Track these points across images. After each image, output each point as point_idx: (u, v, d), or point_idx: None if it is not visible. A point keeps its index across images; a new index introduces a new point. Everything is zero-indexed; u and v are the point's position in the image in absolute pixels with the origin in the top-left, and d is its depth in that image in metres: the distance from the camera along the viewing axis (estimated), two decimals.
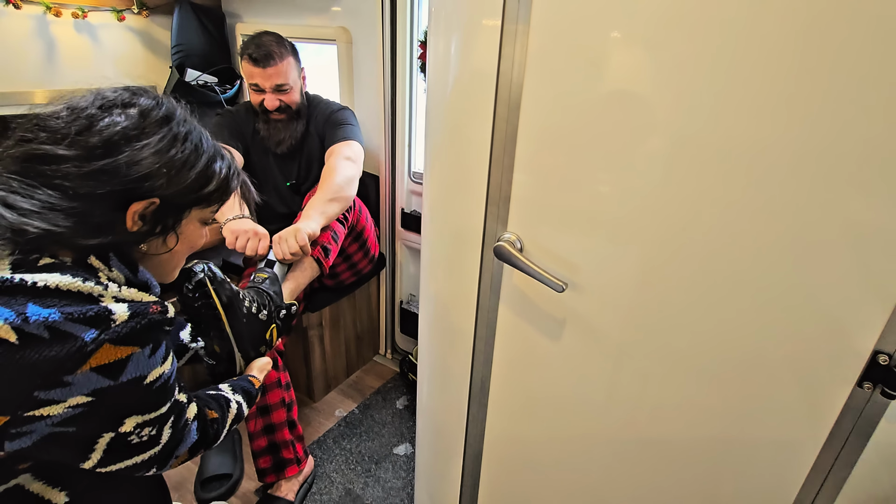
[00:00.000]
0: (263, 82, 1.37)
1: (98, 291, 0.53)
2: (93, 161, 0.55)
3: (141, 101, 0.61)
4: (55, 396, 0.49)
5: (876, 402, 0.56)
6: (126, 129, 0.58)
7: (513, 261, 0.73)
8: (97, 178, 0.55)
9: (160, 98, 0.64)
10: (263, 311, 0.92)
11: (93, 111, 0.58)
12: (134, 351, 0.54)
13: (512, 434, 0.91)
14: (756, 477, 0.67)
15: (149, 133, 0.59)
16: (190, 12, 1.84)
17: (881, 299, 0.53)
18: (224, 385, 0.80)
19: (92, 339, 0.50)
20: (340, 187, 1.31)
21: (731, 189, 0.57)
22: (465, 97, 0.76)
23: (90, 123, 0.57)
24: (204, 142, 0.66)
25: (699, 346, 0.65)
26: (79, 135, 0.56)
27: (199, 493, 1.35)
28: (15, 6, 1.52)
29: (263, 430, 1.32)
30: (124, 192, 0.57)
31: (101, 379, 0.51)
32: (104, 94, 0.61)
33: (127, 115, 0.59)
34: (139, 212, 0.59)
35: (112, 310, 0.52)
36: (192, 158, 0.63)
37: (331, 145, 1.43)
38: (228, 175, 0.69)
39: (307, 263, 1.24)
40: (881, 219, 0.51)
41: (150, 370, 0.56)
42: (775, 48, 0.50)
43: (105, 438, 0.55)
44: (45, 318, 0.48)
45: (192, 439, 0.66)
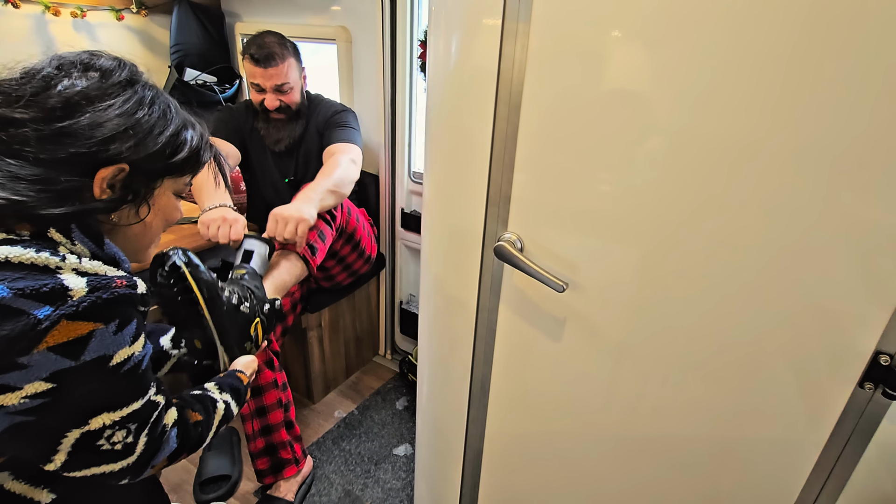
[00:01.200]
0: (264, 82, 1.38)
1: (55, 263, 0.49)
2: (52, 122, 0.52)
3: (101, 63, 0.58)
4: (11, 381, 0.46)
5: (877, 402, 0.56)
6: (87, 89, 0.55)
7: (513, 261, 0.73)
8: (58, 140, 0.52)
9: (122, 59, 0.60)
10: (245, 303, 0.85)
11: (50, 71, 0.55)
12: (96, 327, 0.50)
13: (512, 434, 0.91)
14: (757, 477, 0.67)
15: (112, 94, 0.56)
16: (189, 11, 1.83)
17: (882, 299, 0.53)
18: (209, 384, 0.74)
19: (46, 315, 0.46)
20: (342, 182, 1.31)
21: (732, 188, 0.56)
22: (466, 97, 0.76)
23: (47, 84, 0.53)
24: (172, 108, 0.63)
25: (699, 345, 0.65)
26: (35, 96, 0.52)
27: (197, 495, 1.34)
28: (14, 5, 1.52)
29: (261, 432, 1.31)
30: (89, 156, 0.54)
31: (60, 359, 0.48)
32: (61, 55, 0.58)
33: (87, 77, 0.56)
34: (107, 178, 0.56)
35: (68, 284, 0.48)
36: (160, 123, 0.59)
37: (332, 144, 1.42)
38: (200, 144, 0.65)
39: (292, 261, 1.19)
40: (882, 218, 0.51)
41: (117, 350, 0.52)
42: (776, 46, 0.50)
43: (71, 436, 0.51)
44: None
45: (170, 448, 0.61)
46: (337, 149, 1.40)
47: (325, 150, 1.43)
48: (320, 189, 1.24)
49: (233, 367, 0.81)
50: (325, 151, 1.43)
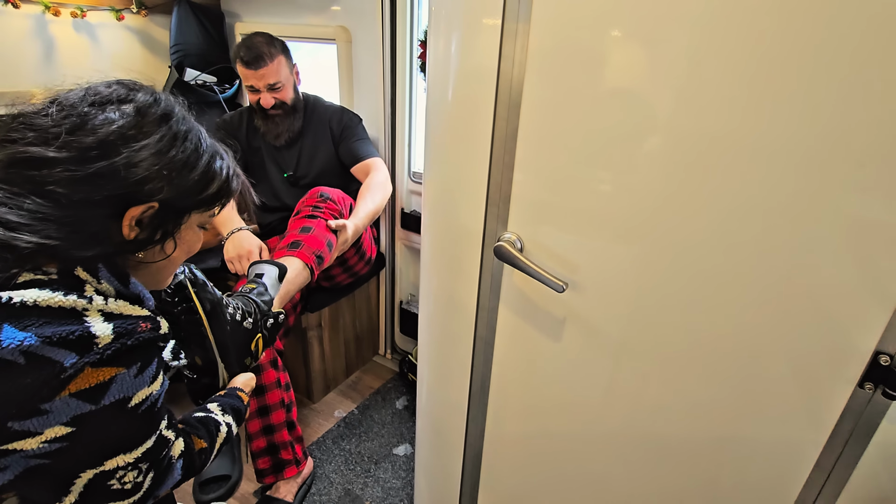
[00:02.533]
0: (257, 83, 1.43)
1: (81, 306, 0.49)
2: (87, 164, 0.50)
3: (138, 98, 0.57)
4: (31, 427, 0.46)
5: (877, 402, 0.56)
6: (122, 127, 0.53)
7: (513, 261, 0.73)
8: (93, 182, 0.51)
9: (157, 94, 0.59)
10: (248, 319, 0.85)
11: (85, 108, 0.53)
12: (118, 372, 0.50)
13: (512, 433, 0.91)
14: (757, 477, 0.67)
15: (147, 132, 0.55)
16: (189, 11, 1.83)
17: (882, 300, 0.53)
18: (213, 405, 0.74)
19: (72, 363, 0.46)
20: (379, 209, 1.49)
21: (733, 188, 0.56)
22: (466, 97, 0.76)
23: (83, 122, 0.52)
24: (203, 141, 0.61)
25: (699, 345, 0.65)
26: (70, 134, 0.51)
27: (197, 495, 1.34)
28: (14, 5, 1.52)
29: (262, 431, 1.31)
30: (122, 197, 0.53)
31: (80, 404, 0.47)
32: (96, 89, 0.56)
33: (123, 113, 0.54)
34: (136, 217, 0.55)
35: (95, 332, 0.48)
36: (192, 158, 0.58)
37: (366, 159, 1.56)
38: (229, 175, 0.64)
39: (298, 270, 1.22)
40: (882, 218, 0.51)
41: (136, 391, 0.52)
42: (776, 46, 0.50)
43: (85, 477, 0.51)
44: (19, 343, 0.44)
45: (174, 479, 0.61)
46: (373, 165, 1.55)
47: (360, 163, 1.55)
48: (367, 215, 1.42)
49: (232, 384, 0.81)
50: (359, 164, 1.55)
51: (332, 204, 1.37)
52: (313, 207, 1.34)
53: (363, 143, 1.59)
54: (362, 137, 1.60)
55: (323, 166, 1.59)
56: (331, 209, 1.36)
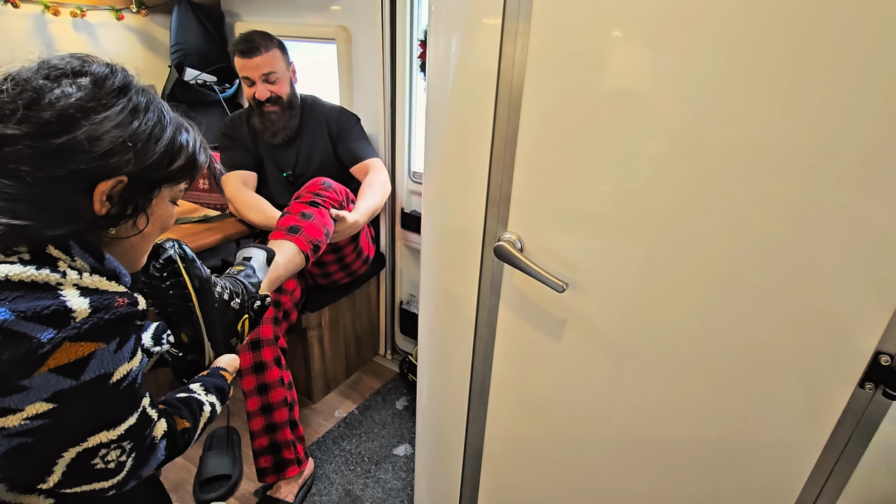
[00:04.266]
0: (252, 73, 1.43)
1: (55, 280, 0.48)
2: (49, 138, 0.49)
3: (93, 69, 0.55)
4: (12, 404, 0.45)
5: (878, 402, 0.56)
6: (81, 100, 0.52)
7: (513, 261, 0.73)
8: (56, 157, 0.49)
9: (113, 65, 0.58)
10: (236, 299, 0.85)
11: (40, 82, 0.51)
12: (98, 347, 0.49)
13: (512, 434, 0.91)
14: (758, 477, 0.67)
15: (106, 104, 0.53)
16: (189, 11, 1.83)
17: (883, 300, 0.53)
18: (195, 385, 0.73)
19: (49, 339, 0.46)
20: (378, 208, 1.50)
21: (733, 189, 0.56)
22: (466, 96, 0.76)
23: (39, 96, 0.50)
24: (166, 113, 0.60)
25: (700, 346, 0.65)
26: (28, 109, 0.49)
27: (197, 495, 1.34)
28: (13, 5, 1.52)
29: (265, 429, 1.31)
30: (88, 172, 0.52)
31: (61, 380, 0.47)
32: (50, 62, 0.54)
33: (79, 85, 0.53)
34: (106, 192, 0.54)
35: (71, 306, 0.47)
36: (157, 130, 0.57)
37: (366, 159, 1.57)
38: (196, 148, 0.63)
39: (291, 255, 1.21)
40: (883, 219, 0.51)
41: (117, 367, 0.52)
42: (777, 46, 0.50)
43: (67, 456, 0.51)
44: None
45: (158, 459, 0.61)
46: (373, 165, 1.56)
47: (360, 163, 1.57)
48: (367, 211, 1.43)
49: (216, 364, 0.81)
50: (359, 164, 1.57)
51: (333, 193, 1.36)
52: (314, 194, 1.33)
53: (362, 143, 1.59)
54: (361, 138, 1.61)
55: (321, 166, 1.59)
56: (332, 198, 1.35)
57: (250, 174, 1.58)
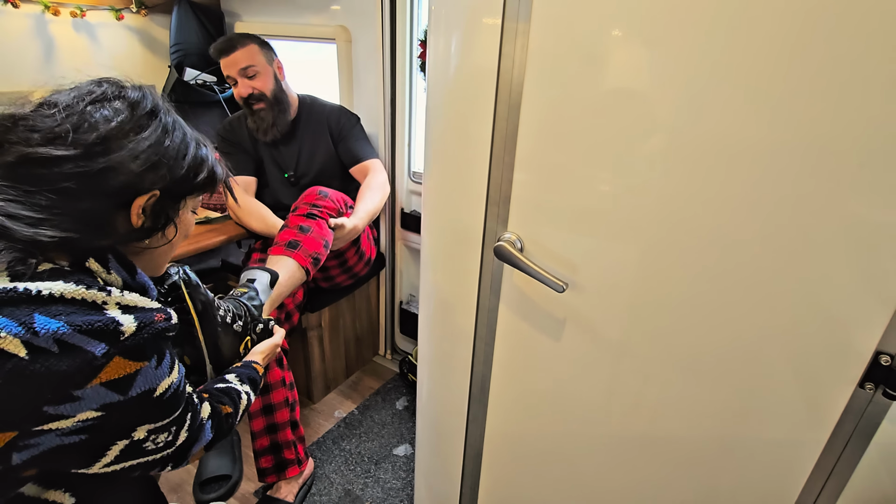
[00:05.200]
0: (231, 70, 1.43)
1: (101, 298, 0.52)
2: (95, 158, 0.54)
3: (129, 94, 0.61)
4: (64, 411, 0.48)
5: (878, 402, 0.56)
6: (122, 122, 0.57)
7: (513, 261, 0.73)
8: (102, 175, 0.55)
9: (143, 89, 0.63)
10: (238, 321, 0.88)
11: (83, 107, 0.57)
12: (142, 365, 0.53)
13: (512, 434, 0.91)
14: (757, 477, 0.67)
15: (142, 126, 0.59)
16: (189, 11, 1.83)
17: (883, 300, 0.53)
18: (230, 375, 0.78)
19: (103, 353, 0.49)
20: (377, 210, 1.51)
21: (733, 188, 0.56)
22: (466, 96, 0.76)
23: (83, 120, 0.55)
24: (187, 131, 0.66)
25: (700, 345, 0.65)
26: (75, 132, 0.54)
27: (197, 495, 1.34)
28: (13, 5, 1.52)
29: (266, 430, 1.31)
30: (129, 188, 0.57)
31: (110, 394, 0.50)
32: (88, 88, 0.59)
33: (117, 109, 0.58)
34: (142, 205, 0.59)
35: (120, 321, 0.51)
36: (182, 147, 0.63)
37: (365, 160, 1.57)
38: (213, 162, 0.69)
39: (293, 271, 1.22)
40: (882, 218, 0.51)
41: (159, 382, 0.55)
42: (776, 46, 0.50)
43: (118, 447, 0.54)
44: (54, 331, 0.47)
45: (207, 438, 0.66)
46: (372, 167, 1.57)
47: (359, 164, 1.57)
48: (367, 215, 1.44)
49: (250, 356, 0.86)
50: (358, 165, 1.57)
51: (330, 203, 1.36)
52: (311, 206, 1.33)
53: (362, 143, 1.59)
54: (361, 138, 1.61)
55: (323, 165, 1.59)
56: (329, 208, 1.36)
57: (250, 179, 1.58)
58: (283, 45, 1.55)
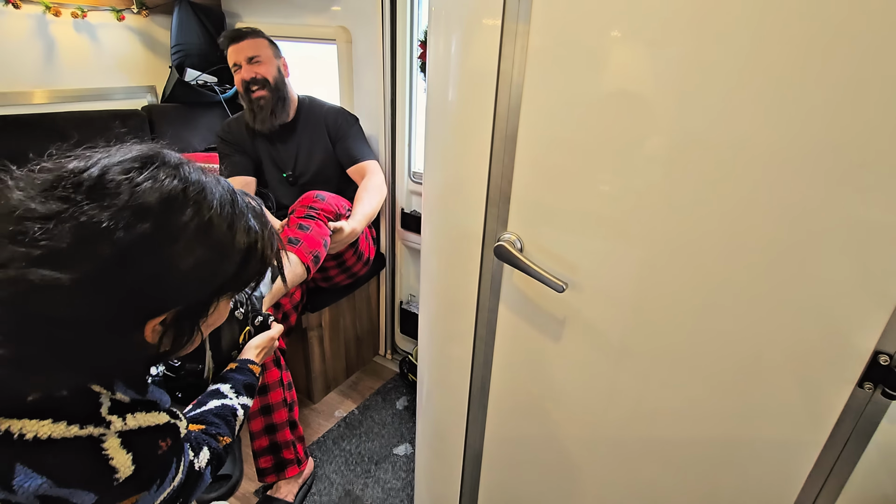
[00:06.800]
0: (238, 56, 1.45)
1: (98, 433, 0.44)
2: (106, 280, 0.41)
3: (162, 183, 0.44)
4: None
5: (877, 402, 0.56)
6: (147, 235, 0.42)
7: (513, 261, 0.73)
8: (109, 299, 0.42)
9: (182, 168, 0.47)
10: (240, 309, 0.85)
11: (92, 211, 0.40)
12: (140, 497, 0.48)
13: (512, 434, 0.91)
14: (757, 477, 0.67)
15: (174, 234, 0.44)
16: (190, 12, 1.83)
17: (882, 300, 0.53)
18: (226, 386, 0.72)
19: (93, 503, 0.44)
20: (375, 212, 1.51)
21: (732, 189, 0.57)
22: (466, 97, 0.76)
23: (98, 232, 0.40)
24: (240, 215, 0.50)
25: (699, 346, 0.65)
26: (85, 244, 0.40)
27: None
28: (14, 6, 1.52)
29: (265, 430, 1.32)
30: (144, 311, 0.45)
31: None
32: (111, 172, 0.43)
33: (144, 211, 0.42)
34: (158, 322, 0.47)
35: (114, 467, 0.44)
36: (224, 244, 0.48)
37: (363, 161, 1.57)
38: (265, 244, 0.54)
39: (294, 266, 1.23)
40: (882, 218, 0.51)
41: (158, 497, 0.51)
42: (776, 47, 0.50)
43: None
44: (35, 489, 0.41)
45: (204, 484, 0.61)
46: (369, 168, 1.57)
47: (356, 165, 1.57)
48: (364, 218, 1.44)
49: (246, 352, 0.80)
50: (355, 166, 1.57)
51: (327, 205, 1.37)
52: (309, 208, 1.35)
53: (360, 144, 1.60)
54: (359, 138, 1.61)
55: (321, 165, 1.59)
56: (326, 210, 1.36)
57: (249, 180, 1.58)
58: (283, 46, 1.56)
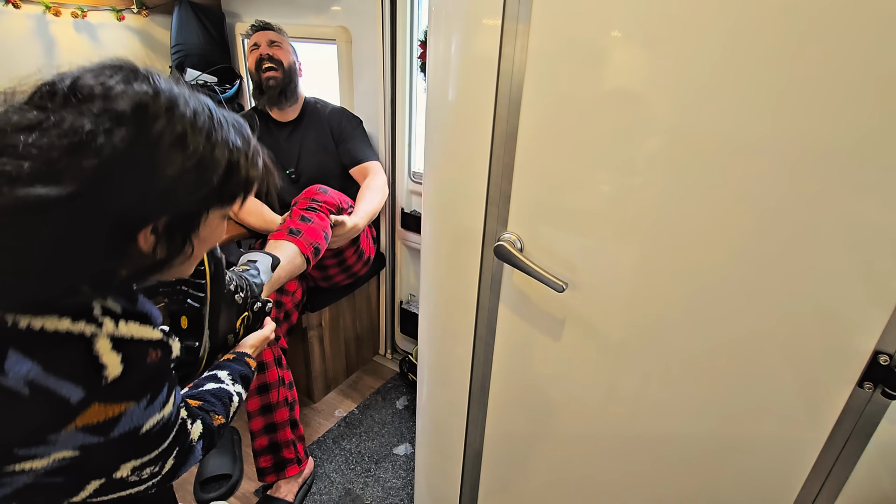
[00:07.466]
0: (261, 39, 1.53)
1: (91, 331, 0.44)
2: (92, 194, 0.42)
3: (136, 90, 0.46)
4: (38, 452, 0.44)
5: (876, 402, 0.56)
6: (126, 141, 0.43)
7: (513, 261, 0.73)
8: (102, 214, 0.43)
9: (151, 76, 0.49)
10: (240, 293, 0.83)
11: (69, 116, 0.43)
12: (128, 406, 0.47)
13: (512, 433, 0.91)
14: (756, 477, 0.67)
15: (154, 141, 0.45)
16: (189, 12, 1.83)
17: (882, 299, 0.53)
18: (223, 373, 0.71)
19: (79, 399, 0.43)
20: (376, 211, 1.53)
21: (732, 189, 0.57)
22: (465, 97, 0.76)
23: (80, 143, 0.42)
24: (217, 125, 0.51)
25: (699, 345, 0.65)
26: (71, 155, 0.41)
27: (198, 494, 1.34)
28: (14, 6, 1.52)
29: (265, 429, 1.32)
30: (131, 221, 0.46)
31: (88, 437, 0.46)
32: (78, 79, 0.46)
33: (121, 125, 0.43)
34: (150, 230, 0.48)
35: (103, 363, 0.44)
36: (206, 154, 0.49)
37: (366, 161, 1.59)
38: (250, 158, 0.55)
39: (293, 256, 1.23)
40: (881, 218, 0.51)
41: (147, 420, 0.50)
42: (775, 46, 0.50)
43: (94, 484, 0.50)
44: (24, 374, 0.41)
45: (196, 459, 0.60)
46: (372, 169, 1.58)
47: (359, 165, 1.58)
48: (366, 215, 1.45)
49: (241, 347, 0.80)
50: (358, 166, 1.58)
51: (330, 199, 1.38)
52: (311, 200, 1.35)
53: (363, 145, 1.61)
54: (362, 139, 1.62)
55: (323, 164, 1.60)
56: (329, 203, 1.37)
57: None
58: None
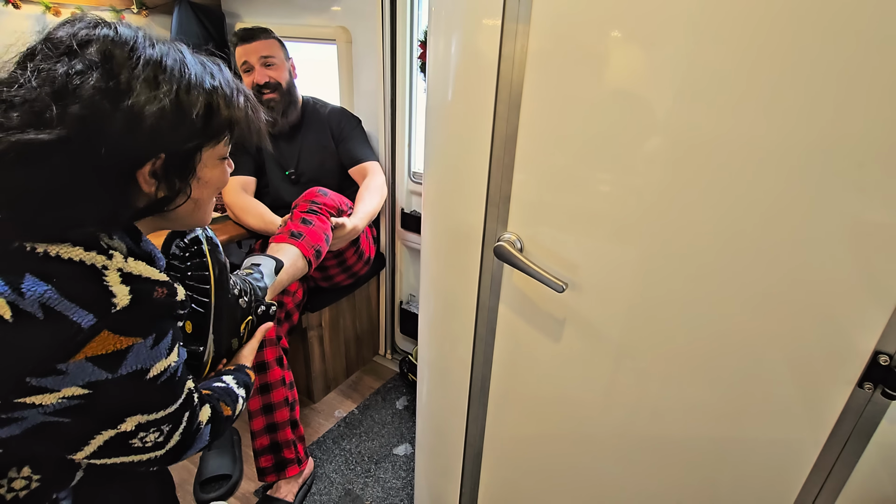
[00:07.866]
0: (251, 56, 1.45)
1: (101, 262, 0.48)
2: (83, 135, 0.46)
3: (99, 34, 0.50)
4: (48, 384, 0.46)
5: (876, 402, 0.56)
6: (109, 83, 0.47)
7: (513, 261, 0.73)
8: (94, 154, 0.47)
9: (116, 25, 0.53)
10: (244, 297, 0.83)
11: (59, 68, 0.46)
12: (135, 342, 0.49)
13: (512, 433, 0.91)
14: (756, 477, 0.67)
15: (128, 81, 0.48)
16: (189, 12, 1.83)
17: (882, 299, 0.53)
18: (228, 377, 0.74)
19: (90, 325, 0.45)
20: (376, 211, 1.52)
21: (732, 189, 0.57)
22: (465, 97, 0.76)
23: (64, 87, 0.46)
24: (187, 67, 0.53)
25: (699, 346, 0.65)
26: (58, 99, 0.45)
27: (198, 494, 1.34)
28: (14, 6, 1.52)
29: (266, 429, 1.32)
30: (125, 162, 0.49)
31: (97, 370, 0.47)
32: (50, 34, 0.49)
33: (98, 70, 0.47)
34: (147, 173, 0.51)
35: (114, 292, 0.47)
36: (181, 95, 0.52)
37: (365, 162, 1.59)
38: (229, 96, 0.57)
39: (295, 259, 1.23)
40: (881, 218, 0.51)
41: (154, 363, 0.52)
42: (775, 46, 0.50)
43: (102, 436, 0.51)
44: (40, 294, 0.44)
45: (203, 443, 0.62)
46: (371, 169, 1.58)
47: (358, 165, 1.58)
48: (366, 216, 1.45)
49: (239, 360, 0.81)
50: (357, 167, 1.58)
51: (329, 201, 1.38)
52: (311, 202, 1.35)
53: (362, 145, 1.61)
54: (361, 139, 1.62)
55: (323, 164, 1.60)
56: (328, 205, 1.37)
57: (249, 179, 1.58)
58: None
